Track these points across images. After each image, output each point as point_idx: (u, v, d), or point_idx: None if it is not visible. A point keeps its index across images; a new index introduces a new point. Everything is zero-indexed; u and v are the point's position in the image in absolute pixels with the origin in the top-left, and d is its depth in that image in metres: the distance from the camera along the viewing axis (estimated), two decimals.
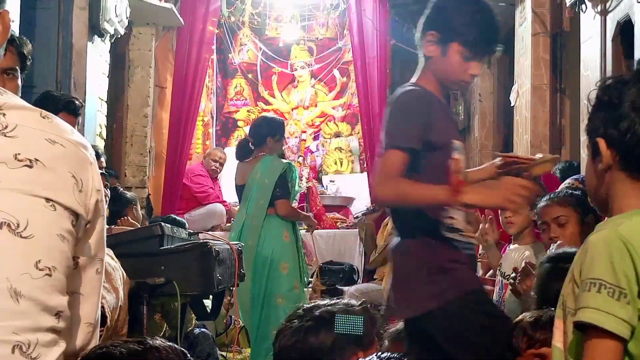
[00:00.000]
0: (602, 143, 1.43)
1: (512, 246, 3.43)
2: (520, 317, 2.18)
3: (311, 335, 1.83)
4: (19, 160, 1.23)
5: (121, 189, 4.92)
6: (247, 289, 4.92)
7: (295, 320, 1.90)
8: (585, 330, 1.34)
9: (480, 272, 3.75)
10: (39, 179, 1.25)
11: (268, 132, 5.34)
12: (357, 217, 7.26)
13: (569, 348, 1.41)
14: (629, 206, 1.41)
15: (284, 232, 5.19)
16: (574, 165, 4.36)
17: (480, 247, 3.87)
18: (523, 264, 2.80)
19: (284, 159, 5.65)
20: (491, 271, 3.72)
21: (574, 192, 3.14)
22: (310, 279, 6.03)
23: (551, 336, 2.08)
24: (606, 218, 1.48)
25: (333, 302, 1.96)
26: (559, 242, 2.83)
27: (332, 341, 1.83)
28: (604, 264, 1.33)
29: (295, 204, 5.52)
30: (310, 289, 5.98)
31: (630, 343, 1.32)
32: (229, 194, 7.67)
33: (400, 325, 2.63)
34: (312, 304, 1.98)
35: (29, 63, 2.74)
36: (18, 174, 1.23)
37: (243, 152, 5.40)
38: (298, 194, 5.53)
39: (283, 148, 6.10)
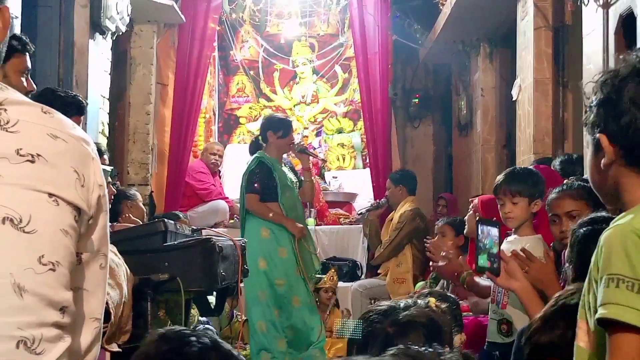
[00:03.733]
0: (604, 139, 1.42)
1: (510, 237, 3.38)
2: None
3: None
4: (21, 156, 1.23)
5: (119, 186, 4.91)
6: None
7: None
8: (608, 327, 1.33)
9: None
10: (41, 174, 1.24)
11: (268, 126, 5.32)
12: (360, 214, 7.25)
13: (596, 347, 1.40)
14: (638, 199, 1.40)
15: (262, 230, 5.14)
16: (572, 159, 4.34)
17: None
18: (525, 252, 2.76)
19: (308, 157, 5.59)
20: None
21: (587, 184, 3.05)
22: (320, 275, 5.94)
23: None
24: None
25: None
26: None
27: None
28: (620, 258, 1.32)
29: (290, 200, 5.31)
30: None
31: None
32: (230, 191, 7.69)
33: None
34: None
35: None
36: (20, 169, 1.23)
37: (252, 150, 5.43)
38: (296, 188, 5.39)
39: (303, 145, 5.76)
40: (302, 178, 5.48)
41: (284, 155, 5.50)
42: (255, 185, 5.14)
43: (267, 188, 5.15)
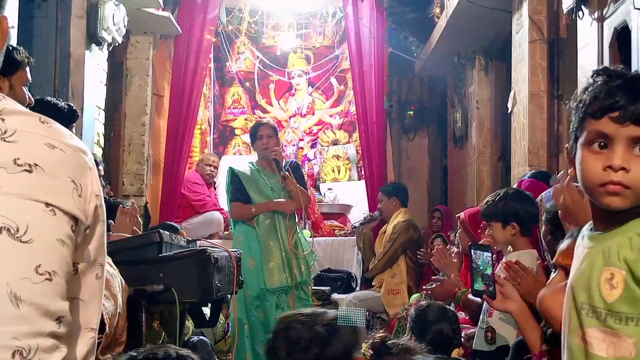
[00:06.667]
0: None
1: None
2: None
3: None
4: (18, 165, 1.23)
5: (113, 199, 4.88)
6: None
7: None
8: None
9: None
10: (38, 183, 1.24)
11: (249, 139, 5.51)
12: (354, 227, 7.24)
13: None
14: None
15: (237, 238, 5.26)
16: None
17: None
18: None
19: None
20: None
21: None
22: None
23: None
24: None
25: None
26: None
27: None
28: None
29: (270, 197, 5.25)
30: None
31: None
32: (225, 202, 7.67)
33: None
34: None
35: None
36: (17, 179, 1.23)
37: None
38: (276, 195, 5.30)
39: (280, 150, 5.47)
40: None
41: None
42: (230, 195, 5.28)
43: (241, 201, 5.23)
